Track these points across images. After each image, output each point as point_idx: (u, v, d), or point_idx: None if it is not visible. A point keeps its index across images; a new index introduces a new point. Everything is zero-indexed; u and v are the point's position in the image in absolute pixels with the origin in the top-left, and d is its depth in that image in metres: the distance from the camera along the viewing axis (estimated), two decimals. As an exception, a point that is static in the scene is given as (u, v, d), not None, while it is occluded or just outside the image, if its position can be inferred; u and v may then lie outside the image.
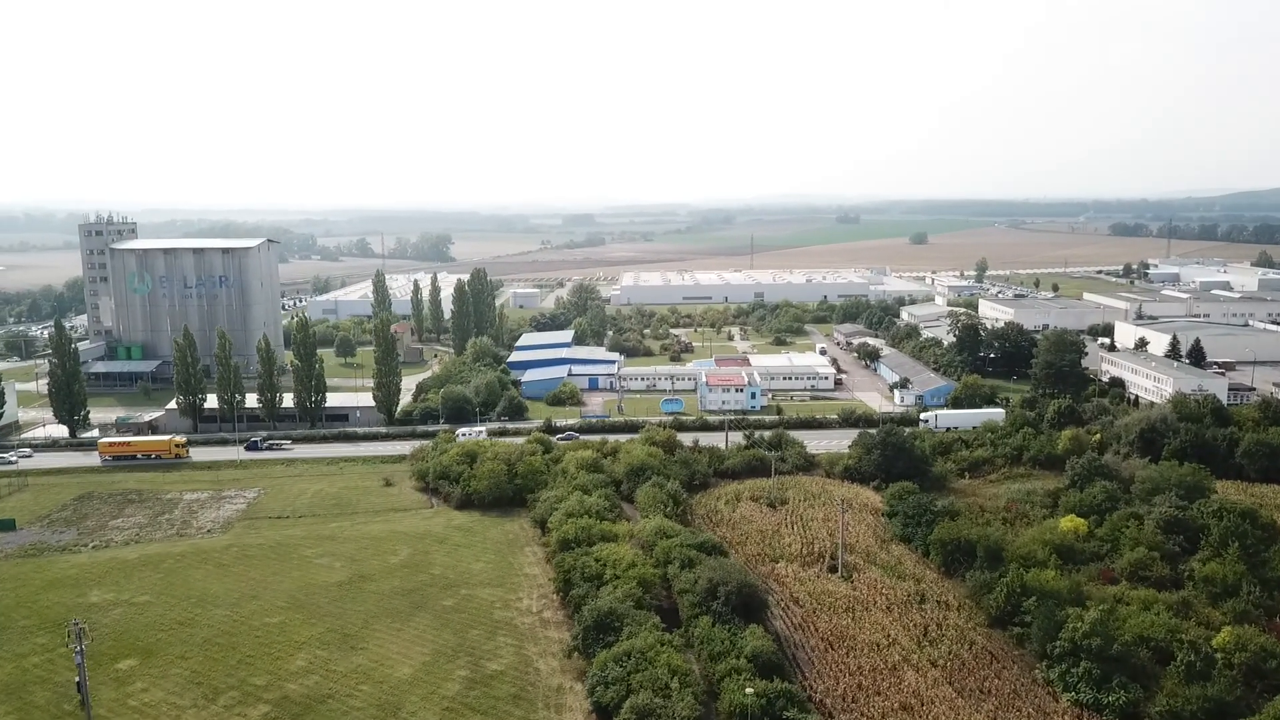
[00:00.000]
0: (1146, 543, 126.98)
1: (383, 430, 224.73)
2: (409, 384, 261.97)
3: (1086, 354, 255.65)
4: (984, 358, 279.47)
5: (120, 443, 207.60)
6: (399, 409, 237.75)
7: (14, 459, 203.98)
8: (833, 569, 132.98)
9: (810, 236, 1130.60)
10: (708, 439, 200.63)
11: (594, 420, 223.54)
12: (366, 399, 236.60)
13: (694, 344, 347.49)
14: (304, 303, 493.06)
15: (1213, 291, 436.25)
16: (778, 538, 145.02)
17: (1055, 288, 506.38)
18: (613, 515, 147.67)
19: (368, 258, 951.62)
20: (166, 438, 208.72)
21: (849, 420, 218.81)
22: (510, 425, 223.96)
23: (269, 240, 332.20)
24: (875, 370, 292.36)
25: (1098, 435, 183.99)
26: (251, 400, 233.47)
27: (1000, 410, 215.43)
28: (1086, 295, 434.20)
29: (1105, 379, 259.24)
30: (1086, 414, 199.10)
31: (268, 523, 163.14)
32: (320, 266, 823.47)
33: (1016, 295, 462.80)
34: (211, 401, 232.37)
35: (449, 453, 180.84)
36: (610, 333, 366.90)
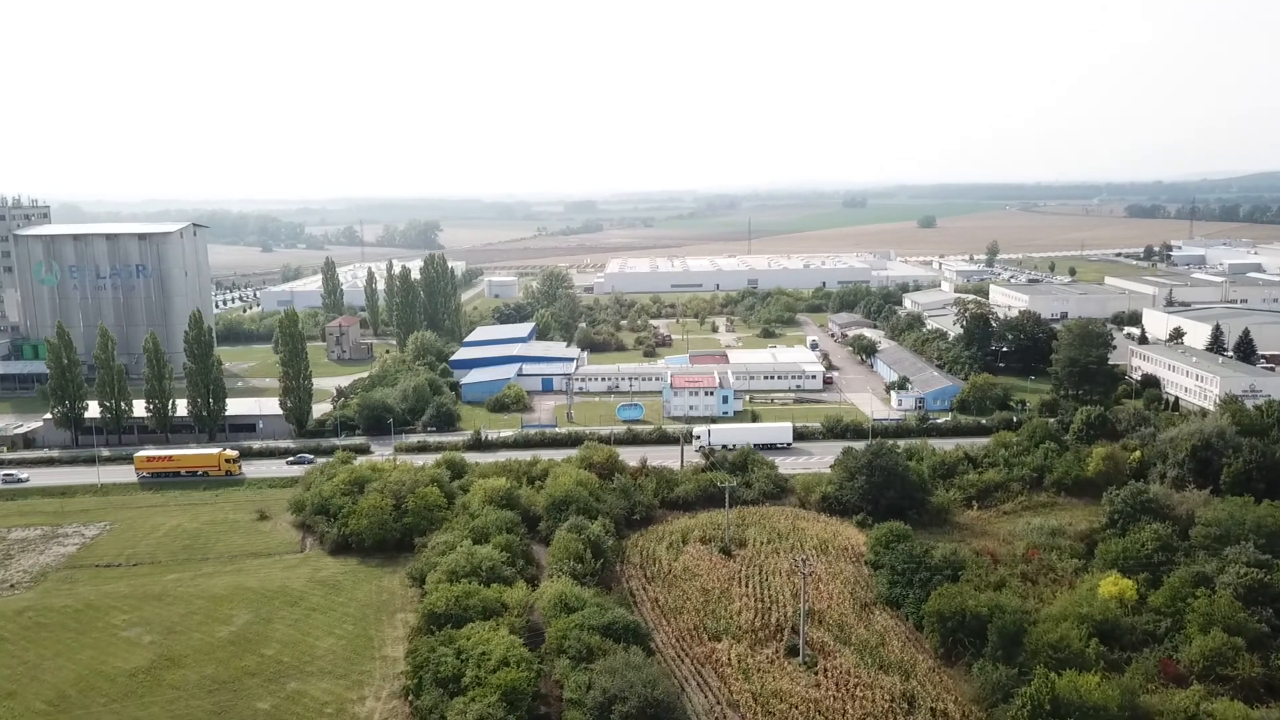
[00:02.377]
0: (1223, 621, 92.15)
1: (284, 445, 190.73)
2: (339, 386, 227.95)
3: (1114, 348, 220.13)
4: (995, 351, 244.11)
5: (161, 457, 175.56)
6: (314, 418, 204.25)
7: None
8: (793, 651, 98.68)
9: (815, 221, 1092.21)
10: (665, 454, 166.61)
11: (534, 432, 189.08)
12: (274, 406, 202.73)
13: (674, 337, 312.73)
14: (257, 294, 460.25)
15: (1249, 275, 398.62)
16: (726, 600, 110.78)
17: (1072, 272, 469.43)
18: (512, 572, 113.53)
19: (355, 246, 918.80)
20: (214, 451, 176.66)
21: (834, 430, 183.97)
22: (433, 439, 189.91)
23: (195, 225, 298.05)
24: (872, 367, 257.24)
25: (1137, 453, 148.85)
26: (141, 408, 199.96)
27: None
28: (1108, 279, 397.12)
29: (1136, 376, 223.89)
30: (1122, 424, 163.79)
31: (90, 574, 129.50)
32: (303, 255, 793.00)
33: (1030, 280, 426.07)
34: (96, 409, 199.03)
35: (335, 479, 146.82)
36: (583, 324, 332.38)
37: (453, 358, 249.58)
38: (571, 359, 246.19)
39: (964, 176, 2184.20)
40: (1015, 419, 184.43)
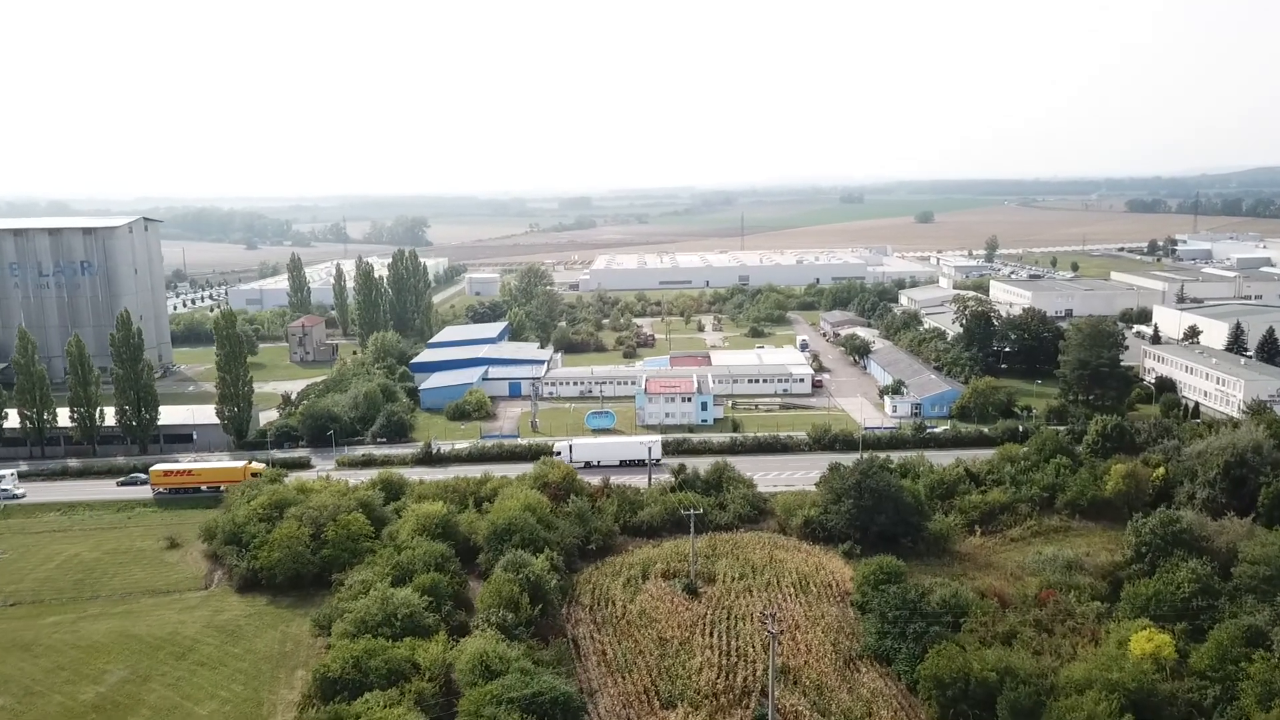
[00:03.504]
0: (1286, 691, 74.98)
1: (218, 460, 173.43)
2: (286, 393, 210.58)
3: (1126, 348, 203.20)
4: (997, 352, 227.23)
5: (179, 471, 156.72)
6: (259, 427, 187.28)
7: None
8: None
9: (811, 217, 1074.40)
10: (631, 473, 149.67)
11: (490, 444, 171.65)
12: (211, 415, 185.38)
13: (658, 336, 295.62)
14: (225, 293, 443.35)
15: (1262, 269, 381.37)
16: (686, 654, 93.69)
17: (1074, 267, 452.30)
18: (434, 619, 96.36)
19: (342, 243, 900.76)
20: (238, 464, 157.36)
21: (822, 441, 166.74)
22: (381, 451, 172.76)
23: (145, 219, 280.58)
24: (865, 368, 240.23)
25: (1160, 470, 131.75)
26: (64, 417, 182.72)
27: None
28: (1114, 275, 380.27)
29: (1150, 379, 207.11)
30: (1141, 435, 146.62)
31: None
32: (287, 252, 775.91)
33: (1032, 276, 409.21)
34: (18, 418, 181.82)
35: (253, 502, 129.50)
36: (562, 323, 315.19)
37: (414, 360, 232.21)
38: (542, 361, 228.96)
39: (963, 173, 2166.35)
40: (1021, 428, 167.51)
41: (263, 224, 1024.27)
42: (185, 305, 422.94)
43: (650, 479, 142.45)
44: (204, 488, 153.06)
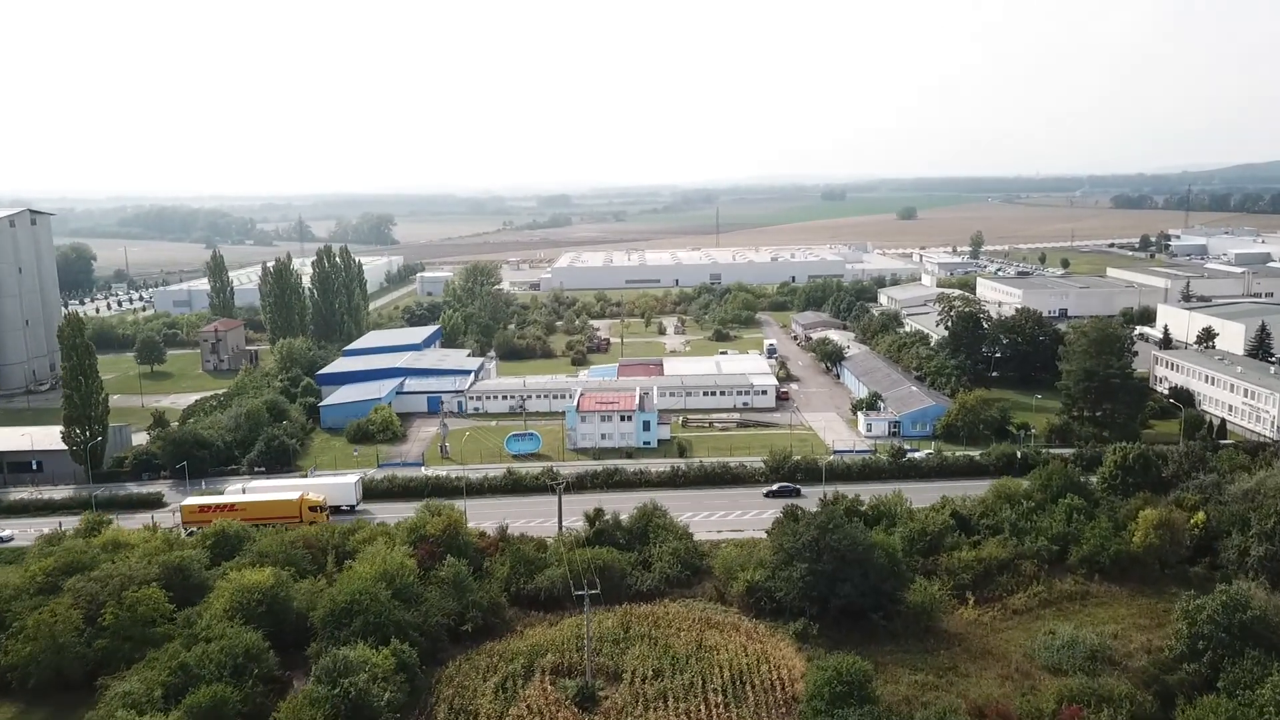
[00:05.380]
0: None
1: (57, 494, 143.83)
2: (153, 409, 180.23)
3: (1136, 354, 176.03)
4: (988, 358, 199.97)
5: (219, 506, 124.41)
6: (115, 454, 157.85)
7: None
8: None
9: (792, 214, 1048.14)
10: (545, 517, 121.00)
11: (381, 476, 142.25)
12: (59, 440, 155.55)
13: (614, 340, 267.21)
14: (147, 295, 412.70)
15: (1269, 265, 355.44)
16: (558, 812, 65.15)
17: (1065, 263, 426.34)
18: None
19: (306, 242, 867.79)
20: (292, 496, 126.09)
21: (780, 470, 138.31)
22: (256, 484, 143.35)
23: (32, 211, 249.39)
24: (839, 377, 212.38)
25: (1199, 515, 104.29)
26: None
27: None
28: (1110, 271, 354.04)
29: (1162, 389, 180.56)
30: (1169, 466, 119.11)
31: None
32: (248, 251, 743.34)
33: (1020, 273, 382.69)
34: None
35: (35, 566, 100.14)
36: (511, 326, 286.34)
37: (321, 371, 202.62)
38: (468, 371, 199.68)
39: (946, 171, 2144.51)
40: (1019, 453, 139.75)
41: (226, 223, 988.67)
42: (111, 308, 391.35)
43: (561, 526, 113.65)
44: (253, 523, 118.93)
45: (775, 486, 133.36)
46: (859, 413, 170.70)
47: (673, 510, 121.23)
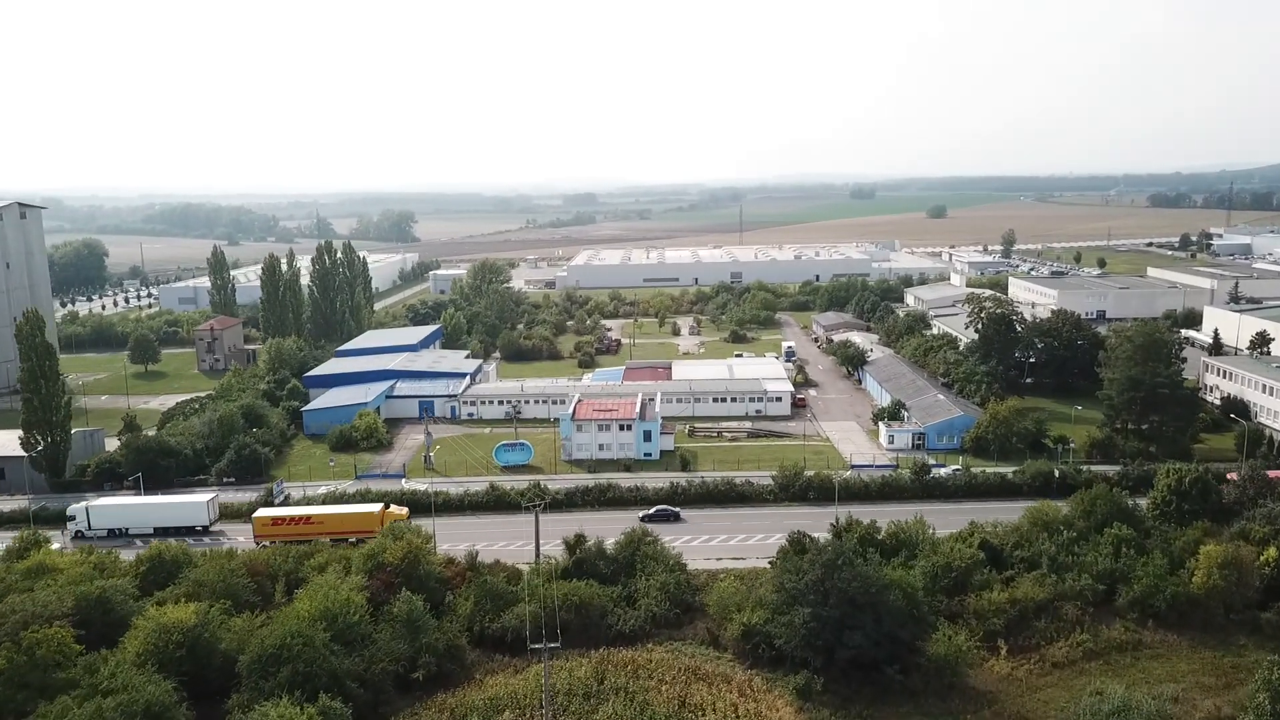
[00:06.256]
0: None
1: (8, 506, 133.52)
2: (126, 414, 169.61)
3: (1185, 361, 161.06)
4: (1020, 363, 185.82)
5: (294, 518, 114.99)
6: (78, 462, 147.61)
7: None
8: None
9: (819, 213, 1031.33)
10: (514, 539, 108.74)
11: (354, 491, 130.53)
12: (17, 446, 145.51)
13: (625, 341, 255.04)
14: (153, 292, 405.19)
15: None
16: None
17: (1101, 263, 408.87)
18: None
19: (327, 238, 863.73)
20: (372, 508, 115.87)
21: (791, 488, 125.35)
22: (222, 496, 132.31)
23: (22, 205, 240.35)
24: (860, 382, 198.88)
25: (1271, 550, 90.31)
26: None
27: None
28: (1151, 271, 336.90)
29: (1212, 399, 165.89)
30: (1230, 492, 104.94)
31: None
32: (269, 248, 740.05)
33: (1054, 272, 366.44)
34: None
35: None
36: (520, 326, 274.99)
37: (309, 373, 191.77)
38: (464, 374, 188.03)
39: (977, 170, 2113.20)
40: (1057, 472, 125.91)
41: (249, 219, 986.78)
42: (118, 305, 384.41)
43: (538, 554, 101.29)
44: (327, 539, 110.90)
45: (652, 510, 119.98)
46: (880, 423, 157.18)
47: (670, 533, 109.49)
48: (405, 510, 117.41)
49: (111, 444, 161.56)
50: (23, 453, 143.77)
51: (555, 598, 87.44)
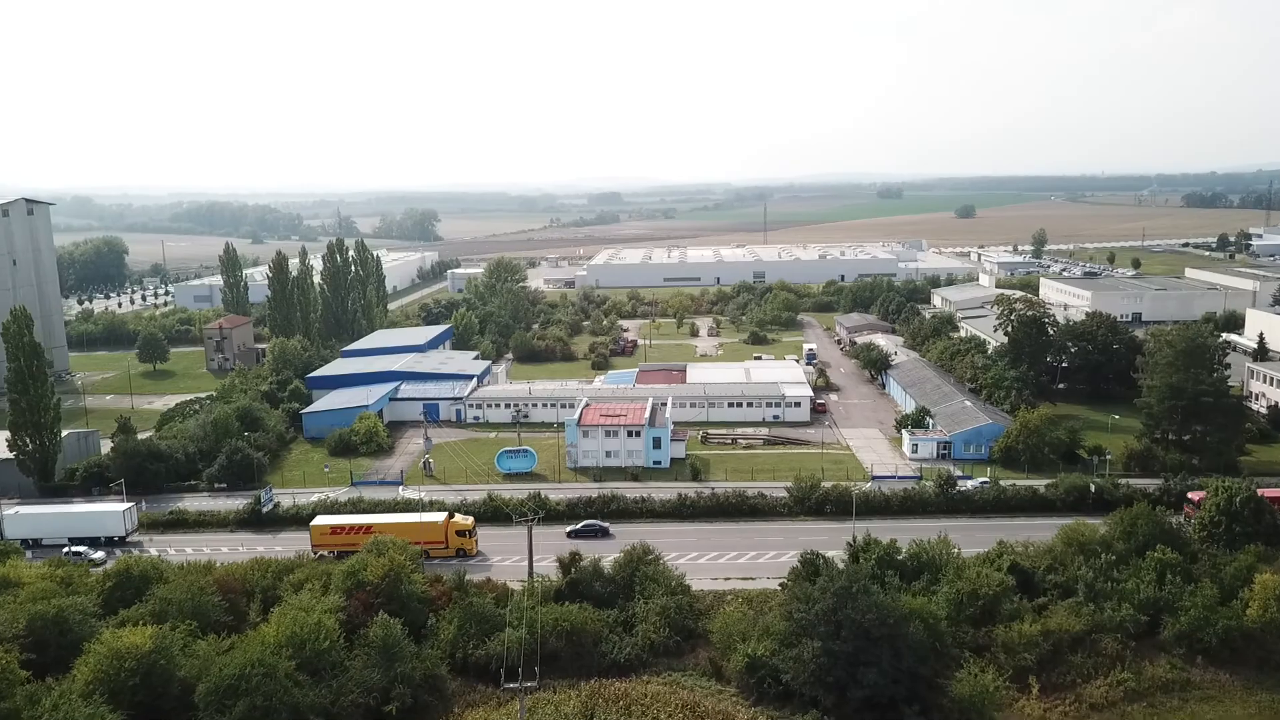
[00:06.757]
0: None
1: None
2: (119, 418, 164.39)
3: (1229, 366, 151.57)
4: (1053, 368, 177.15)
5: (353, 528, 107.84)
6: (68, 465, 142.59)
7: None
8: None
9: (845, 212, 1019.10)
10: (534, 556, 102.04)
11: (345, 500, 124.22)
12: (4, 448, 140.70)
13: (642, 342, 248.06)
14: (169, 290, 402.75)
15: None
16: None
17: (1136, 263, 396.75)
18: None
19: (350, 237, 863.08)
20: (436, 518, 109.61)
21: (807, 501, 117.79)
22: (205, 504, 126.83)
23: (28, 200, 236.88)
24: (884, 387, 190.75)
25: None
26: None
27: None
28: (1189, 272, 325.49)
29: (1258, 407, 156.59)
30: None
31: None
32: (292, 246, 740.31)
33: (1087, 273, 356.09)
34: None
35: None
36: (535, 325, 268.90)
37: (313, 374, 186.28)
38: (471, 376, 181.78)
39: (1007, 170, 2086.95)
40: (1092, 486, 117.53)
41: (274, 218, 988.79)
42: (135, 303, 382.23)
43: (531, 573, 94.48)
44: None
45: (580, 525, 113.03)
46: (904, 431, 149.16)
47: (675, 549, 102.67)
48: (470, 520, 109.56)
49: (107, 446, 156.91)
50: (9, 455, 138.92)
51: (544, 623, 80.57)
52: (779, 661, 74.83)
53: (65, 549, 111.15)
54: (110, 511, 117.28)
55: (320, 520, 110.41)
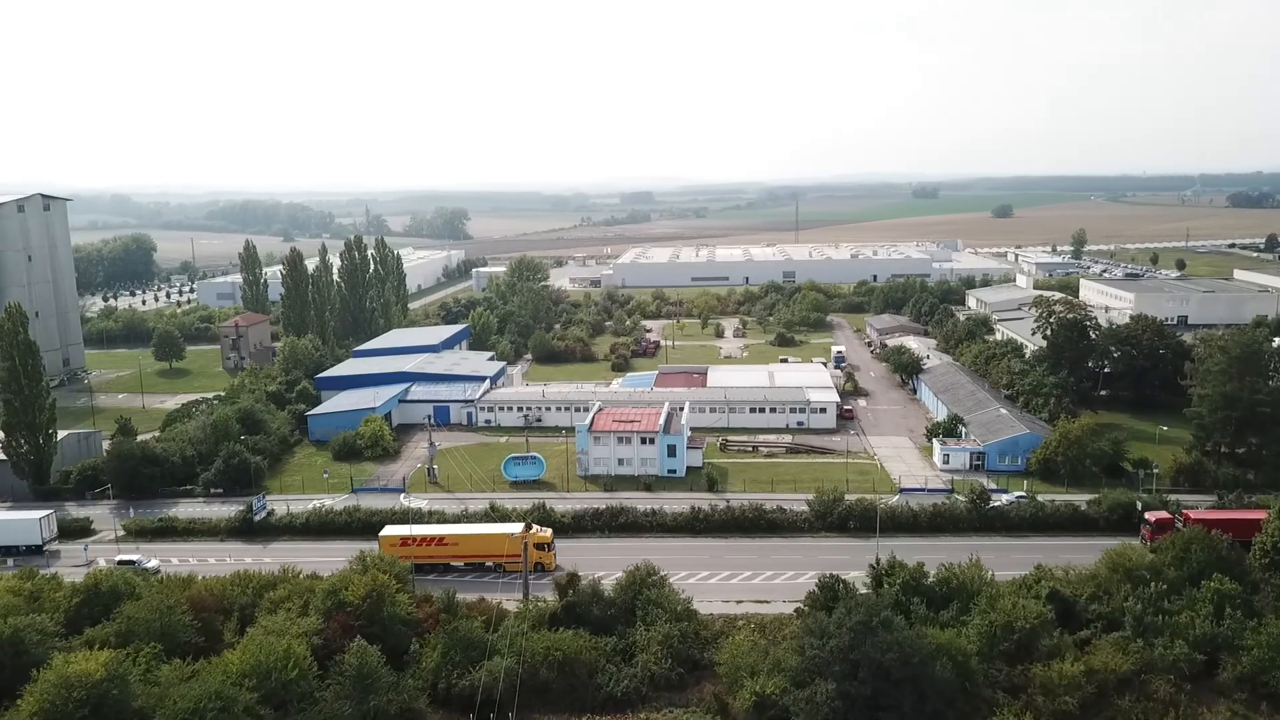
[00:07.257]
0: None
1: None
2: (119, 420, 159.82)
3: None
4: (1095, 374, 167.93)
5: (426, 539, 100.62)
6: (62, 468, 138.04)
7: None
8: None
9: (880, 212, 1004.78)
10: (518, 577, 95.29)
11: (341, 508, 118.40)
12: None
13: (665, 343, 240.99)
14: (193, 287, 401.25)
15: None
16: None
17: (1181, 265, 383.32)
18: None
19: (381, 235, 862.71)
20: (514, 527, 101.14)
21: (828, 517, 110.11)
22: (197, 511, 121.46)
23: (45, 196, 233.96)
24: (915, 393, 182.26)
25: None
26: None
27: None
28: (1239, 274, 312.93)
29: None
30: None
31: None
32: (318, 245, 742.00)
33: (1129, 274, 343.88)
34: None
35: None
36: (557, 326, 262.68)
37: (322, 374, 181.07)
38: (484, 377, 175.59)
39: (1045, 169, 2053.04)
40: (1139, 504, 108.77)
41: (306, 216, 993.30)
42: (158, 300, 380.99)
43: (527, 593, 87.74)
44: (460, 563, 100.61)
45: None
46: (935, 440, 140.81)
47: (685, 567, 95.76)
48: (549, 532, 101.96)
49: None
50: (3, 457, 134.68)
51: (535, 651, 73.85)
52: (789, 701, 67.52)
53: None
54: (27, 519, 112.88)
55: (389, 531, 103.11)
